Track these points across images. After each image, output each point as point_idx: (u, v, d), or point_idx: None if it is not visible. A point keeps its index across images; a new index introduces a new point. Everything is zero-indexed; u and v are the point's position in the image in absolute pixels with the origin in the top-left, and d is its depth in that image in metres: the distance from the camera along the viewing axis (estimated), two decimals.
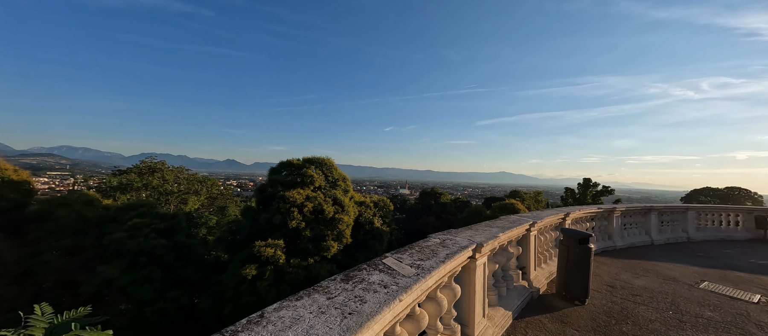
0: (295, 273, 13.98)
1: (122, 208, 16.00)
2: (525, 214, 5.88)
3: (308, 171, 17.05)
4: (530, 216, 5.73)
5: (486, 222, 4.66)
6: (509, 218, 5.26)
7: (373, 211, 21.22)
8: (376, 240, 19.91)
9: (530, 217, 5.57)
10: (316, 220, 16.03)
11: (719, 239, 11.32)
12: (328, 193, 17.57)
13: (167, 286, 14.54)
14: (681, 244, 10.40)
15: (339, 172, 19.43)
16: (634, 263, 7.70)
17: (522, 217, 5.48)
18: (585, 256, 4.84)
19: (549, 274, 6.06)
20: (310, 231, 15.46)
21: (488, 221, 4.81)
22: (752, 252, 9.56)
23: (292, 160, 18.04)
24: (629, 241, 9.70)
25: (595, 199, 30.95)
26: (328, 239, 15.61)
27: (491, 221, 4.88)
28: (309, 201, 15.79)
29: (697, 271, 7.27)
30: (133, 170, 33.89)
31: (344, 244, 16.76)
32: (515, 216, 5.56)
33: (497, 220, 5.00)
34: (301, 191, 15.90)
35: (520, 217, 5.38)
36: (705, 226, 11.86)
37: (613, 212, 9.25)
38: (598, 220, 9.05)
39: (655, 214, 10.45)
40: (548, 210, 7.15)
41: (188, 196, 35.18)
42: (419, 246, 2.94)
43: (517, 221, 4.97)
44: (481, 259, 3.33)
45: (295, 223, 14.82)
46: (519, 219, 5.20)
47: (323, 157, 19.06)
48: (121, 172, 33.49)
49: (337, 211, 16.58)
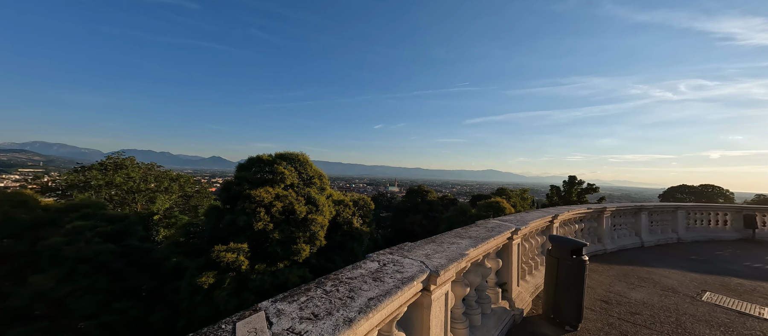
0: (260, 280, 12.74)
1: (63, 209, 14.25)
2: (507, 218, 4.95)
3: (279, 168, 15.75)
4: (513, 220, 4.80)
5: (456, 232, 3.68)
6: (487, 224, 4.30)
7: (353, 211, 20.12)
8: (355, 241, 18.84)
9: (513, 221, 4.64)
10: (286, 221, 14.79)
11: (709, 240, 10.92)
12: (302, 191, 16.34)
13: (115, 296, 13.00)
14: (671, 246, 9.89)
15: (314, 169, 18.20)
16: (628, 270, 6.97)
17: (503, 222, 4.53)
18: (578, 271, 3.94)
19: (535, 288, 5.18)
20: (279, 233, 14.21)
21: (461, 230, 3.83)
22: (744, 254, 9.13)
23: (262, 155, 16.68)
24: (619, 243, 9.05)
25: (580, 196, 31.00)
26: (299, 242, 14.42)
27: (465, 229, 3.90)
28: (278, 200, 14.53)
29: (696, 278, 6.61)
30: (95, 167, 31.45)
31: (318, 246, 15.60)
32: (495, 221, 4.61)
33: (472, 227, 4.02)
34: (270, 190, 14.61)
35: (501, 223, 4.44)
36: (694, 225, 11.45)
37: (603, 213, 8.55)
38: (588, 222, 8.33)
39: (645, 214, 9.88)
40: (534, 211, 6.29)
41: (158, 194, 32.98)
42: (337, 279, 1.89)
43: (496, 228, 4.01)
44: (440, 290, 2.32)
45: (261, 224, 13.54)
46: (499, 225, 4.25)
47: (297, 153, 17.78)
48: (83, 169, 31.00)
49: (310, 211, 15.40)
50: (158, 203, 31.15)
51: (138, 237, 15.03)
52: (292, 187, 16.10)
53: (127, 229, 14.39)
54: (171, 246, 14.19)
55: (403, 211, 50.80)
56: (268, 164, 16.29)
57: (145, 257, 14.54)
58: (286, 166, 16.27)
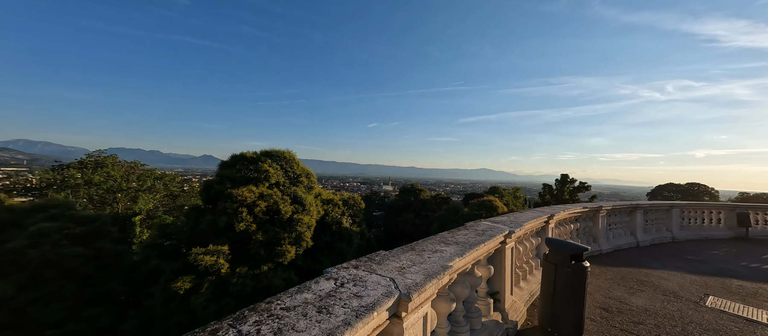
0: (242, 284, 12.10)
1: (28, 210, 13.32)
2: (499, 219, 4.50)
3: (263, 166, 15.07)
4: (506, 222, 4.35)
5: (442, 236, 3.20)
6: (478, 226, 3.84)
7: (342, 210, 19.56)
8: (343, 242, 18.30)
9: (506, 223, 4.18)
10: (270, 221, 14.15)
11: (703, 238, 10.76)
12: (287, 190, 15.70)
13: (84, 303, 12.19)
14: (667, 245, 9.67)
15: (301, 167, 17.57)
16: (626, 273, 6.63)
17: (495, 223, 4.08)
18: (578, 279, 3.51)
19: (529, 296, 4.75)
20: (263, 234, 13.58)
21: (447, 234, 3.35)
22: (740, 253, 8.95)
23: (246, 153, 15.96)
24: (615, 243, 8.76)
25: (572, 195, 31.08)
26: (284, 243, 13.81)
27: (453, 232, 3.43)
28: (262, 200, 13.88)
29: (696, 280, 6.30)
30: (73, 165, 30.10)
31: (305, 247, 15.01)
32: (486, 222, 4.15)
33: (460, 231, 3.55)
34: (254, 189, 13.94)
35: (493, 225, 3.98)
36: (688, 224, 11.29)
37: (599, 212, 8.22)
38: (583, 222, 7.98)
39: (640, 213, 9.63)
40: (528, 211, 5.88)
41: (141, 193, 31.75)
42: (267, 312, 1.37)
43: (488, 231, 3.55)
44: (414, 315, 1.83)
45: (243, 225, 12.89)
46: (491, 227, 3.79)
47: (283, 150, 17.11)
48: (62, 167, 29.64)
49: (296, 211, 14.78)
50: (141, 203, 29.97)
51: (111, 239, 14.19)
52: (277, 186, 15.45)
53: (99, 231, 13.55)
54: (145, 248, 13.41)
55: (396, 210, 50.49)
56: (253, 162, 15.60)
57: (118, 261, 13.72)
58: (271, 164, 15.60)
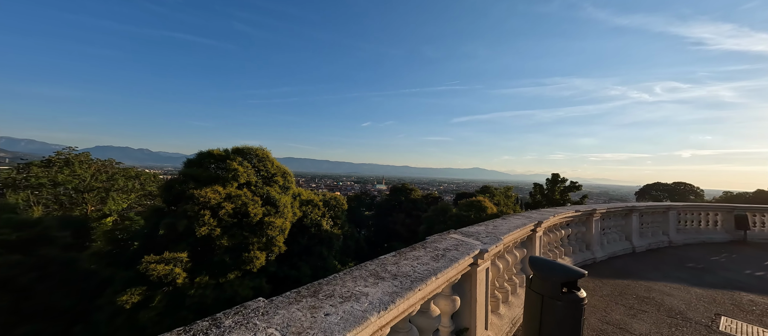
0: (202, 295, 10.96)
1: None
2: (472, 231, 3.58)
3: (232, 164, 13.90)
4: (481, 233, 3.44)
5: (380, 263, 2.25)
6: (440, 243, 2.91)
7: (322, 211, 18.50)
8: (323, 245, 17.25)
9: (480, 236, 3.27)
10: (238, 224, 13.01)
11: (700, 242, 10.16)
12: (260, 190, 14.56)
13: (21, 318, 10.86)
14: (663, 251, 9.00)
15: (277, 166, 16.42)
16: (624, 287, 5.83)
17: (465, 238, 3.15)
18: (573, 315, 2.61)
19: (511, 325, 3.85)
20: (229, 239, 12.44)
21: (393, 258, 2.41)
22: (741, 259, 8.34)
23: (214, 150, 14.73)
24: (610, 249, 8.00)
25: (563, 195, 30.72)
26: (252, 249, 12.69)
27: (400, 256, 2.49)
28: (229, 201, 12.73)
29: (702, 295, 5.55)
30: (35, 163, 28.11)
31: (277, 253, 13.91)
32: (454, 237, 3.22)
33: (414, 251, 2.61)
34: (220, 189, 12.77)
35: (462, 240, 3.05)
36: (684, 227, 10.69)
37: (593, 215, 7.44)
38: (575, 226, 7.19)
39: (636, 216, 8.92)
40: (512, 218, 4.99)
41: (113, 193, 29.89)
42: None
43: (452, 250, 2.62)
44: None
45: (205, 229, 11.72)
46: (458, 244, 2.87)
47: (256, 147, 15.93)
48: (26, 166, 27.63)
49: (267, 213, 13.67)
50: (110, 203, 28.20)
51: (59, 245, 12.81)
52: (248, 186, 14.30)
53: (42, 237, 12.17)
54: (92, 257, 12.08)
55: (386, 209, 49.73)
56: (221, 160, 14.39)
57: (65, 270, 12.37)
58: (241, 163, 14.43)
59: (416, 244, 2.84)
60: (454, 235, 3.33)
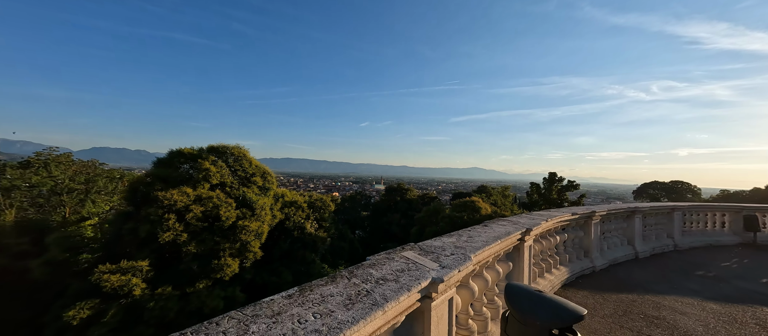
0: (164, 307, 10.01)
1: None
2: (434, 245, 2.73)
3: (204, 164, 12.94)
4: (446, 251, 2.59)
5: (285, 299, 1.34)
6: (385, 264, 2.06)
7: (306, 213, 17.58)
8: (307, 249, 16.34)
9: (438, 260, 2.40)
10: (209, 229, 12.07)
11: (707, 245, 9.42)
12: (235, 192, 13.62)
13: None
14: (669, 256, 8.23)
15: (256, 165, 15.47)
16: (629, 303, 5.02)
17: (418, 259, 2.29)
18: None
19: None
20: (197, 245, 11.49)
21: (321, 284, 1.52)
22: (754, 265, 7.60)
23: (185, 148, 13.75)
24: (610, 256, 7.20)
25: (561, 194, 30.06)
26: (223, 255, 11.76)
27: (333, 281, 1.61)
28: (198, 204, 11.78)
29: (720, 312, 4.76)
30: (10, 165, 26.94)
31: (252, 259, 12.98)
32: (408, 255, 2.36)
33: (334, 283, 1.73)
34: (189, 191, 11.82)
35: (411, 264, 2.19)
36: (690, 229, 9.95)
37: (591, 218, 6.63)
38: (572, 231, 6.36)
39: (638, 218, 8.15)
40: (495, 225, 4.15)
41: (93, 195, 28.70)
42: None
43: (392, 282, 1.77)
44: None
45: (169, 235, 10.77)
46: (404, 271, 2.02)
47: (232, 146, 14.97)
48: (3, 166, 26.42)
49: (242, 216, 12.73)
50: (89, 206, 27.04)
51: (12, 253, 11.78)
52: (221, 187, 13.35)
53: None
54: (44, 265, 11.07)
55: (382, 210, 49.07)
56: (192, 159, 13.43)
57: (19, 280, 11.35)
58: (214, 162, 13.48)
59: (340, 271, 1.97)
60: (407, 252, 2.47)
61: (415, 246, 2.72)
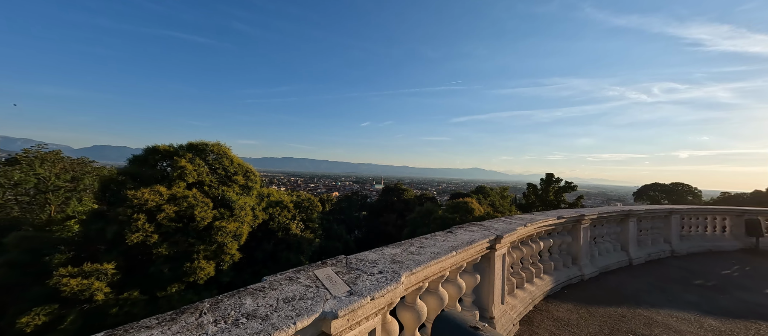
0: (129, 313, 9.46)
1: None
2: (368, 258, 2.20)
3: (180, 161, 12.39)
4: (363, 273, 2.06)
5: None
6: (286, 287, 1.50)
7: (292, 214, 17.03)
8: (291, 251, 15.80)
9: (343, 292, 1.86)
10: (183, 230, 11.52)
11: (707, 251, 8.92)
12: (213, 191, 13.07)
13: None
14: (666, 263, 7.72)
15: (237, 164, 14.92)
16: (618, 317, 4.51)
17: (319, 287, 1.75)
18: None
19: None
20: (169, 247, 10.94)
21: None
22: (756, 274, 7.11)
23: (160, 145, 13.20)
24: (601, 263, 6.68)
25: (558, 195, 29.57)
26: (197, 257, 11.22)
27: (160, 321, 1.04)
28: (172, 203, 11.23)
29: (720, 330, 4.26)
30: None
31: (228, 261, 12.44)
32: (316, 274, 1.82)
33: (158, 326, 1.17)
34: (162, 190, 11.27)
35: (311, 288, 1.64)
36: (688, 233, 9.44)
37: (581, 222, 6.11)
38: (559, 236, 5.85)
39: (633, 222, 7.64)
40: (459, 231, 3.64)
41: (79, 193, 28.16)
42: None
43: (262, 321, 1.20)
44: None
45: (138, 236, 10.22)
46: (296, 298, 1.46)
47: (212, 143, 14.41)
48: None
49: (219, 216, 12.19)
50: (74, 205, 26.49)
51: None
52: (199, 186, 12.80)
53: None
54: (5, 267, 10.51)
55: (378, 210, 48.73)
56: (168, 156, 12.88)
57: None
58: (192, 160, 12.93)
59: (204, 302, 1.45)
60: (323, 270, 1.95)
61: (340, 260, 2.20)
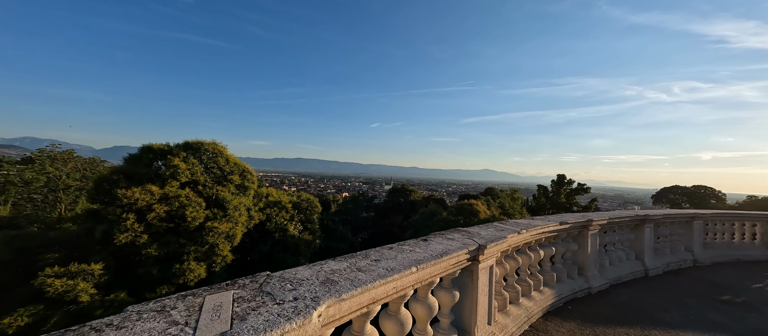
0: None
1: None
2: (299, 277, 1.68)
3: (174, 160, 12.21)
4: (290, 297, 1.56)
5: None
6: (141, 326, 1.01)
7: (291, 214, 16.72)
8: (288, 253, 15.47)
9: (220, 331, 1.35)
10: (174, 230, 11.31)
11: (734, 261, 8.07)
12: (208, 190, 12.85)
13: None
14: (688, 274, 6.95)
15: (234, 163, 14.69)
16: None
17: (187, 330, 1.24)
18: None
19: None
20: (159, 247, 10.73)
21: None
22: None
23: (154, 144, 13.07)
24: (613, 274, 6.00)
25: (570, 197, 28.43)
26: (187, 259, 10.97)
27: None
28: (163, 203, 11.03)
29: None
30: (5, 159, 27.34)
31: (221, 264, 12.17)
32: (186, 309, 1.32)
33: None
34: (154, 188, 11.08)
35: (177, 327, 1.14)
36: (713, 240, 8.59)
37: (588, 228, 5.46)
38: (563, 244, 5.22)
39: (649, 229, 6.90)
40: (435, 239, 3.12)
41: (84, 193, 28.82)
42: None
43: None
44: None
45: (127, 236, 10.03)
46: None
47: (207, 142, 14.22)
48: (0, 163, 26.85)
49: (212, 217, 11.94)
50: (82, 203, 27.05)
51: None
52: (192, 186, 12.60)
53: None
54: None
55: (385, 211, 48.35)
56: (162, 155, 12.73)
57: None
58: (185, 158, 12.74)
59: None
60: (218, 296, 1.48)
61: (255, 280, 1.72)
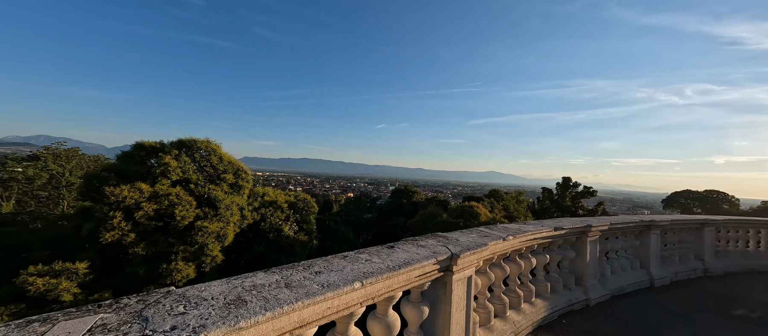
0: None
1: None
2: (205, 296, 1.33)
3: (166, 158, 12.02)
4: (189, 322, 1.19)
5: None
6: None
7: (286, 214, 16.46)
8: (283, 253, 15.18)
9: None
10: (163, 229, 11.10)
11: (748, 271, 7.54)
12: (200, 189, 12.64)
13: None
14: (697, 284, 6.46)
15: (228, 161, 14.47)
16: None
17: None
18: None
19: None
20: (147, 246, 10.53)
21: None
22: None
23: (146, 142, 12.91)
24: (614, 284, 5.56)
25: (575, 200, 27.73)
26: (175, 258, 10.75)
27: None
28: (152, 201, 10.83)
29: None
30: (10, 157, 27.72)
31: (211, 264, 11.92)
32: None
33: None
34: (143, 186, 10.90)
35: None
36: (725, 248, 8.05)
37: (587, 234, 5.04)
38: (559, 251, 4.81)
39: (655, 235, 6.42)
40: (402, 247, 2.76)
41: None
42: None
43: None
44: None
45: (113, 235, 9.84)
46: None
47: (200, 140, 14.02)
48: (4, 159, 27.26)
49: (202, 216, 11.71)
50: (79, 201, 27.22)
51: None
52: (184, 184, 12.40)
53: None
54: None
55: (387, 213, 48.08)
56: (154, 153, 12.56)
57: None
58: (177, 156, 12.55)
59: None
60: (102, 316, 1.12)
61: (140, 301, 1.38)
